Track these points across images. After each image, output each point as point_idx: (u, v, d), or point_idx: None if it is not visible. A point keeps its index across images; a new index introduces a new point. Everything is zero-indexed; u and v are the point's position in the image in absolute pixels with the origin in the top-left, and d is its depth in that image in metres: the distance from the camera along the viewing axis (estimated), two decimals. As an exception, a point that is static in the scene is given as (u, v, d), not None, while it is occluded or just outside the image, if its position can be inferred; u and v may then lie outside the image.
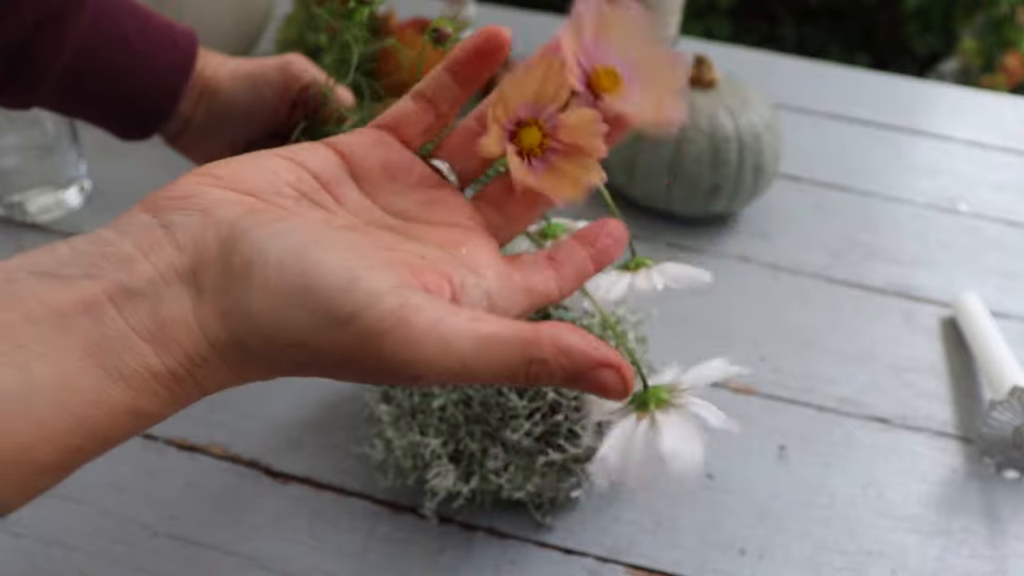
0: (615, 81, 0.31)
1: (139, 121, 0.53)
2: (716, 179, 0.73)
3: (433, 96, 0.32)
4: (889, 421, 0.61)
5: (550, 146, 0.31)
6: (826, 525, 0.53)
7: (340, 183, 0.30)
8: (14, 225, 0.71)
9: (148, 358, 0.24)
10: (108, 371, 0.23)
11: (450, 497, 0.51)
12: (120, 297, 0.24)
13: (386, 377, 0.25)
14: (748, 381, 0.63)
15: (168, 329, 0.24)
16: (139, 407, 0.24)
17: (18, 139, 0.68)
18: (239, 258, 0.25)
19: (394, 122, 0.32)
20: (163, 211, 0.26)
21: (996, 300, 0.72)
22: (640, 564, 0.50)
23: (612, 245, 0.32)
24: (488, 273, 0.29)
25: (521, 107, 0.31)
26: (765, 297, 0.71)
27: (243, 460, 0.54)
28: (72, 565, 0.48)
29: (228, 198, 0.26)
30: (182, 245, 0.25)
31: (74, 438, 0.23)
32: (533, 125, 0.31)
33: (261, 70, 0.53)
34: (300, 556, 0.49)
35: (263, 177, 0.28)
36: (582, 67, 0.31)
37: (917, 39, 2.12)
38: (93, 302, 0.24)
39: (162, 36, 0.51)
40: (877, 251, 0.77)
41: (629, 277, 0.42)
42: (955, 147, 0.94)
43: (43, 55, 0.47)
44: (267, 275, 0.24)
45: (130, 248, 0.25)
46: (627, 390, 0.26)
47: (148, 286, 0.24)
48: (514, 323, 0.26)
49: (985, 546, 0.53)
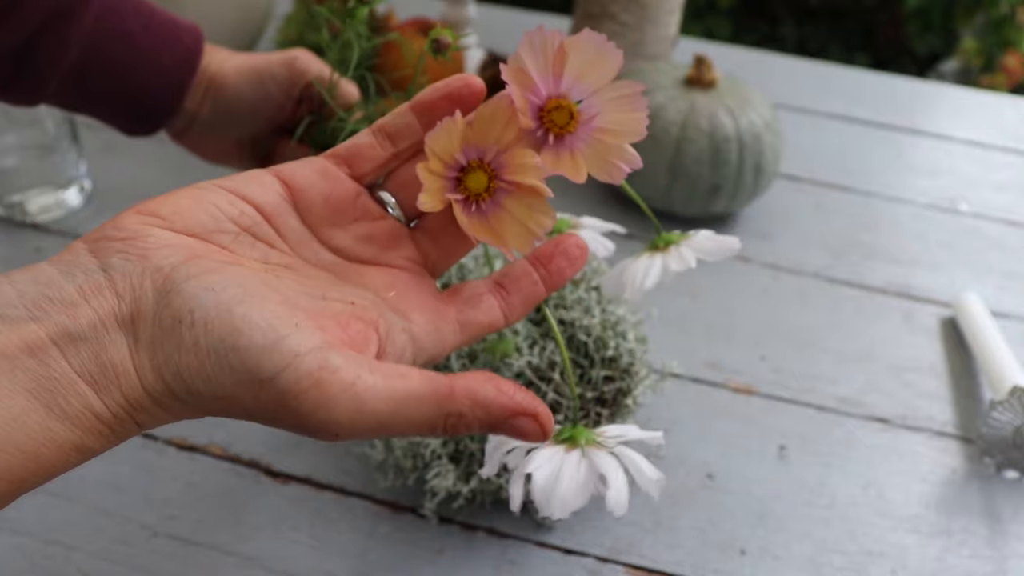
0: (567, 117, 0.30)
1: (145, 117, 0.53)
2: (716, 179, 0.73)
3: (394, 133, 0.32)
4: (889, 421, 0.61)
5: (498, 187, 0.31)
6: (826, 525, 0.53)
7: (282, 214, 0.30)
8: (14, 225, 0.71)
9: (90, 400, 0.25)
10: (54, 411, 0.24)
11: (450, 497, 0.51)
12: (63, 341, 0.25)
13: (308, 432, 0.26)
14: (748, 381, 0.63)
15: (108, 373, 0.25)
16: (84, 445, 0.25)
17: (18, 139, 0.68)
18: (170, 313, 0.25)
19: (347, 155, 0.32)
20: (105, 253, 0.26)
21: (996, 300, 0.72)
22: (640, 564, 0.50)
23: (566, 267, 0.32)
24: (416, 317, 0.30)
25: (464, 151, 0.30)
26: (765, 297, 0.71)
27: (243, 460, 0.54)
28: (72, 564, 0.48)
29: (168, 240, 0.27)
30: (121, 293, 0.26)
31: (21, 472, 0.24)
32: (478, 169, 0.31)
33: (267, 65, 0.53)
34: (300, 556, 0.49)
35: (205, 214, 0.28)
36: (533, 101, 0.30)
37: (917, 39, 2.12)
38: (37, 345, 0.24)
39: (167, 32, 0.51)
40: (877, 251, 0.77)
41: (660, 259, 0.40)
42: (955, 147, 0.94)
43: (49, 52, 0.47)
44: (195, 334, 0.25)
45: (73, 292, 0.25)
46: (546, 435, 0.27)
47: (90, 331, 0.25)
48: (431, 378, 0.26)
49: (985, 546, 0.53)
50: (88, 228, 0.71)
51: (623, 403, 0.50)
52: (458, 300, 0.31)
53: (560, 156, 0.31)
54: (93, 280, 0.26)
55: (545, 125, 0.31)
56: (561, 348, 0.36)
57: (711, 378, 0.63)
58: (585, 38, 0.30)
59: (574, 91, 0.30)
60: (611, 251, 0.45)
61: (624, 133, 0.31)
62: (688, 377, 0.63)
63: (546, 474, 0.33)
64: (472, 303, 0.31)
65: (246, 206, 0.29)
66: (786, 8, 2.25)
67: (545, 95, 0.30)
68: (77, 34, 0.47)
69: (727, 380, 0.63)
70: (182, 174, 0.69)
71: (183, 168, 0.64)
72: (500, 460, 0.35)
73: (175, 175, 0.75)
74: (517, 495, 0.34)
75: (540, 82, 0.30)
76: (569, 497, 0.32)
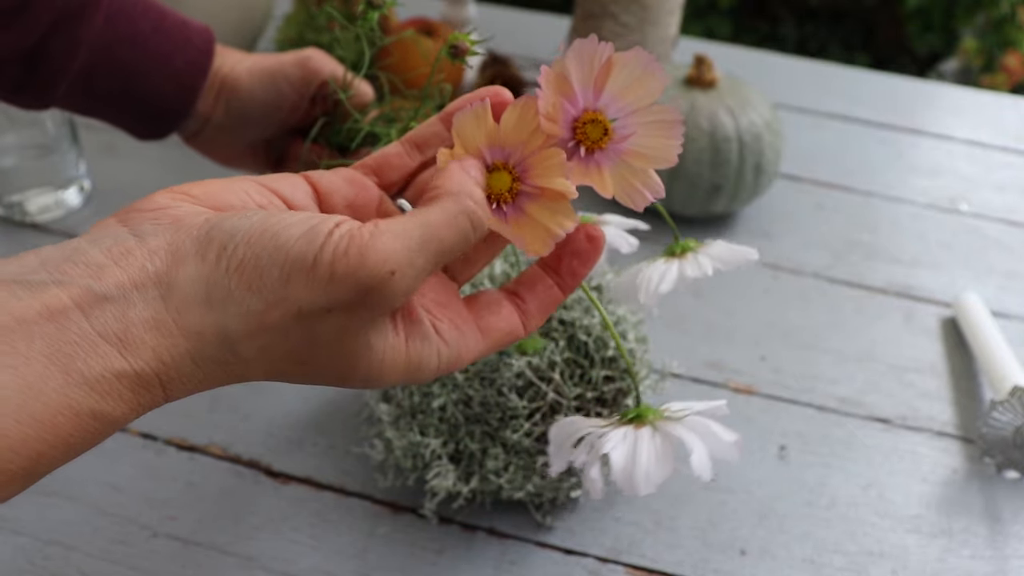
0: (601, 132, 0.30)
1: (156, 120, 0.52)
2: (716, 179, 0.73)
3: (423, 143, 0.33)
4: (890, 421, 0.61)
5: (520, 190, 0.30)
6: (827, 525, 0.53)
7: (307, 209, 0.31)
8: (13, 225, 0.71)
9: (112, 360, 0.24)
10: (71, 375, 0.24)
11: (450, 497, 0.51)
12: (87, 302, 0.24)
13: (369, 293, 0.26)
14: (748, 381, 0.63)
15: (135, 329, 0.25)
16: (102, 411, 0.24)
17: (18, 139, 0.68)
18: (214, 246, 0.26)
19: (376, 165, 0.33)
20: (136, 222, 0.27)
21: (997, 300, 0.72)
22: (640, 564, 0.50)
23: (579, 266, 0.32)
24: (441, 316, 0.30)
25: (490, 150, 0.30)
26: (766, 297, 0.71)
27: (243, 460, 0.54)
28: (71, 565, 0.48)
29: (199, 211, 0.28)
30: (154, 249, 0.26)
31: (38, 444, 0.23)
32: (502, 169, 0.30)
33: (280, 66, 0.52)
34: (300, 556, 0.49)
35: (234, 196, 0.29)
36: (568, 111, 0.30)
37: (917, 39, 2.12)
38: (58, 309, 0.24)
39: (178, 34, 0.51)
40: (878, 251, 0.77)
41: (676, 264, 0.40)
42: (956, 147, 0.94)
43: (59, 55, 0.47)
44: (240, 252, 0.26)
45: (100, 256, 0.25)
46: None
47: (117, 291, 0.25)
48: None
49: (986, 547, 0.53)
50: (88, 228, 0.71)
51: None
52: (477, 306, 0.31)
53: (588, 170, 0.31)
54: (122, 244, 0.26)
55: (577, 137, 0.30)
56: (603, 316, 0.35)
57: (711, 378, 0.63)
58: (635, 56, 0.29)
59: (612, 108, 0.30)
60: (635, 247, 0.45)
61: (654, 159, 0.31)
62: (688, 377, 0.62)
63: (623, 453, 0.32)
64: (491, 309, 0.31)
65: (274, 197, 0.30)
66: (786, 8, 2.25)
67: (582, 107, 0.30)
68: (87, 35, 0.47)
69: (727, 380, 0.63)
70: (183, 175, 0.69)
71: (184, 168, 0.64)
72: (566, 459, 0.35)
73: (176, 175, 0.75)
74: (597, 479, 0.33)
75: (580, 93, 0.30)
76: (652, 471, 0.32)
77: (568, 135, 0.30)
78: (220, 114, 0.53)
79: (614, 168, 0.31)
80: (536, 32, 1.04)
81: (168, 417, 0.55)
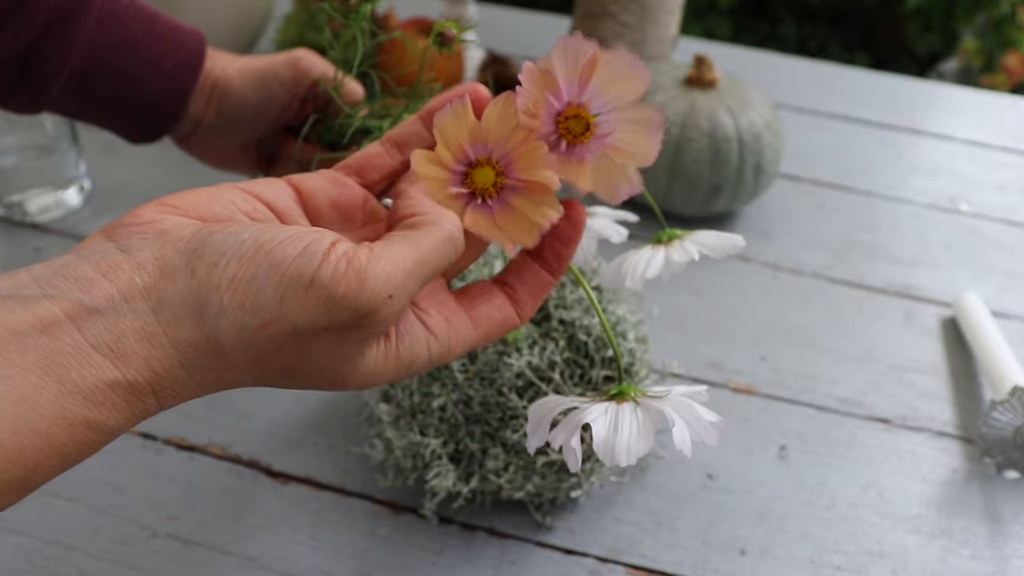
0: (583, 127, 0.31)
1: (148, 123, 0.52)
2: (716, 179, 0.73)
3: (403, 143, 0.33)
4: (890, 421, 0.61)
5: (504, 184, 0.31)
6: (827, 525, 0.53)
7: (292, 214, 0.31)
8: (13, 225, 0.71)
9: (105, 370, 0.25)
10: (65, 385, 0.24)
11: (450, 497, 0.51)
12: (78, 315, 0.25)
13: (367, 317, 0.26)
14: (748, 381, 0.63)
15: (127, 340, 0.25)
16: (96, 420, 0.25)
17: (18, 139, 0.68)
18: (203, 262, 0.26)
19: (357, 165, 0.33)
20: (122, 237, 0.27)
21: (997, 300, 0.72)
22: (640, 564, 0.50)
23: (562, 247, 0.32)
24: (429, 309, 0.31)
25: (472, 147, 0.31)
26: (765, 297, 0.71)
27: (243, 460, 0.54)
28: (71, 565, 0.48)
29: (185, 223, 0.28)
30: (142, 263, 0.26)
31: (34, 454, 0.24)
32: (485, 164, 0.31)
33: (271, 67, 0.53)
34: (300, 556, 0.49)
35: (219, 206, 0.29)
36: (552, 105, 0.30)
37: (917, 39, 2.12)
38: (51, 321, 0.24)
39: (169, 37, 0.51)
40: (878, 251, 0.77)
41: (663, 251, 0.40)
42: (956, 147, 0.94)
43: (51, 58, 0.47)
44: (231, 270, 0.26)
45: (90, 270, 0.26)
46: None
47: (107, 303, 0.25)
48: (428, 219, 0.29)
49: (986, 547, 0.53)
50: (88, 228, 0.71)
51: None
52: (467, 298, 0.32)
53: (568, 164, 0.31)
54: (111, 258, 0.26)
55: (559, 131, 0.31)
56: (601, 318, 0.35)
57: (711, 378, 0.63)
58: (619, 55, 0.30)
59: (595, 103, 0.31)
60: (624, 237, 0.45)
61: (633, 156, 0.31)
62: (688, 377, 0.62)
63: (604, 425, 0.33)
64: (482, 299, 0.32)
65: (259, 203, 0.30)
66: (786, 8, 2.25)
67: (566, 101, 0.31)
68: (79, 38, 0.47)
69: (727, 380, 0.63)
70: (183, 174, 0.69)
71: (184, 168, 0.64)
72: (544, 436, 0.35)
73: (176, 175, 0.75)
74: (576, 447, 0.33)
75: (564, 88, 0.30)
76: (633, 442, 0.32)
77: (551, 129, 0.31)
78: (212, 116, 0.53)
79: (594, 163, 0.31)
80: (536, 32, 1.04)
81: (168, 417, 0.55)
